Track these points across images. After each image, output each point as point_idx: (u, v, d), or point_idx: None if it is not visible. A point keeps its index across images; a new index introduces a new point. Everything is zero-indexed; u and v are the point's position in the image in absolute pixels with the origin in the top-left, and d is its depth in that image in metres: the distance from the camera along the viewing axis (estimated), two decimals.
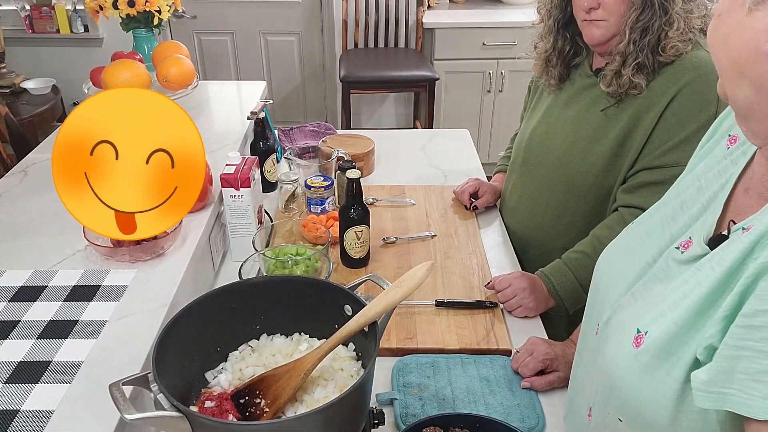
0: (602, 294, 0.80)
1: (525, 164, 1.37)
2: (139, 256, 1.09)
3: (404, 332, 1.12)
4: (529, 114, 1.44)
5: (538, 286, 1.20)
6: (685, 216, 0.72)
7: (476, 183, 1.54)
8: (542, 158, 1.32)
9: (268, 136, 1.57)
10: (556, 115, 1.31)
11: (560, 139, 1.28)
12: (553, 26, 1.27)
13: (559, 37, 1.28)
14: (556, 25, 1.27)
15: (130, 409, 0.67)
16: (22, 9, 3.40)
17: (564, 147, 1.26)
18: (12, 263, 1.10)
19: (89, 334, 0.93)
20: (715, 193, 0.69)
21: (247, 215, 1.28)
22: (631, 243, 0.80)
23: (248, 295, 0.88)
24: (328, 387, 0.81)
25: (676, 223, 0.73)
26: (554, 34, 1.28)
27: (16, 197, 1.33)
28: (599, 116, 1.20)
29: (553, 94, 1.34)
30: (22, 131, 2.36)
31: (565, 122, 1.28)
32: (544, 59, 1.32)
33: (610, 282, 0.79)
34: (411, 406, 0.96)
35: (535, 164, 1.34)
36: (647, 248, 0.75)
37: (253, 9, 3.66)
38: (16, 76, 3.24)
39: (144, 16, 1.71)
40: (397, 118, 3.90)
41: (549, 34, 1.29)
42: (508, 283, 1.19)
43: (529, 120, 1.40)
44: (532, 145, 1.35)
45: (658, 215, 0.77)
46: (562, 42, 1.28)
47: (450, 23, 3.30)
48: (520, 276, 1.20)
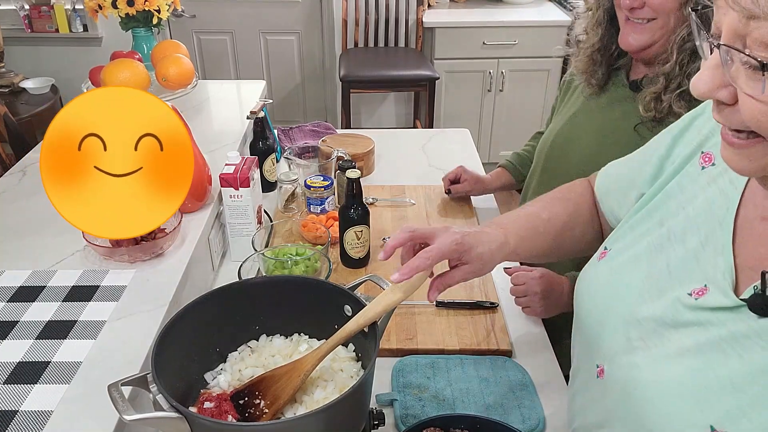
0: (594, 330, 0.75)
1: (544, 172, 1.31)
2: (138, 256, 1.09)
3: (404, 333, 1.11)
4: (555, 117, 1.36)
5: (556, 291, 1.12)
6: (678, 249, 0.67)
7: (459, 170, 1.52)
8: (561, 167, 1.24)
9: (267, 135, 1.57)
10: (581, 122, 1.23)
11: (581, 150, 1.20)
12: (603, 17, 1.13)
13: (607, 32, 1.13)
14: (605, 16, 1.13)
15: (129, 410, 0.66)
16: (21, 8, 3.40)
17: (584, 158, 1.17)
18: (11, 263, 1.09)
19: (88, 334, 0.93)
20: (712, 229, 0.64)
21: (246, 215, 1.28)
22: (617, 271, 0.75)
23: (248, 296, 0.88)
24: (328, 388, 0.81)
25: (667, 255, 0.68)
26: (603, 27, 1.14)
27: (14, 197, 1.32)
28: (629, 134, 1.10)
29: (584, 97, 1.23)
30: (21, 131, 2.36)
31: (590, 132, 1.20)
32: (589, 55, 1.18)
33: (605, 316, 0.73)
34: (411, 406, 0.96)
35: (553, 173, 1.27)
36: (639, 281, 0.70)
37: (253, 8, 3.66)
38: (15, 75, 3.23)
39: (143, 16, 1.71)
40: (397, 118, 3.90)
41: (597, 26, 1.15)
42: (523, 281, 1.14)
43: (554, 124, 1.32)
44: (553, 152, 1.28)
45: (644, 242, 0.73)
46: (608, 38, 1.14)
47: (450, 22, 3.30)
48: (540, 278, 1.13)
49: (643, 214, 0.75)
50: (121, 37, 1.89)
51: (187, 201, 1.24)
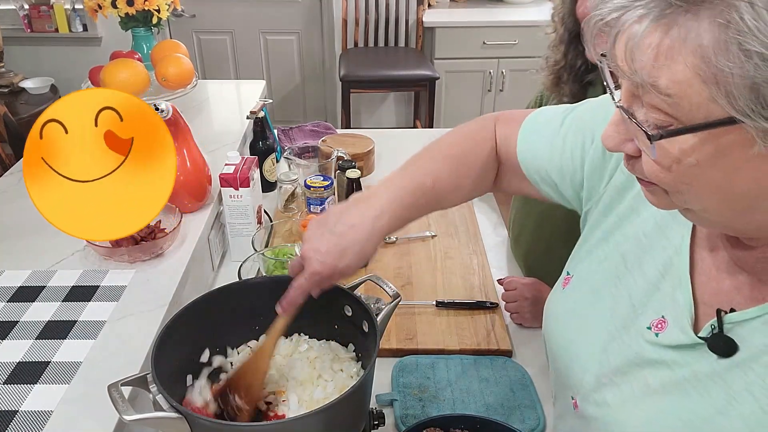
0: (565, 362, 0.74)
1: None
2: (138, 256, 1.09)
3: (404, 333, 1.11)
4: None
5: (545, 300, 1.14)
6: (639, 280, 0.66)
7: None
8: None
9: (267, 135, 1.57)
10: None
11: None
12: (565, 36, 1.14)
13: (571, 50, 1.14)
14: (568, 36, 1.13)
15: (128, 410, 0.66)
16: (21, 8, 3.40)
17: None
18: (11, 263, 1.09)
19: (88, 334, 0.93)
20: (669, 258, 0.63)
21: (246, 215, 1.27)
22: (581, 305, 0.73)
23: (247, 296, 0.88)
24: (328, 388, 0.81)
25: (628, 286, 0.67)
26: (566, 45, 1.14)
27: (14, 197, 1.32)
28: None
29: None
30: (20, 131, 2.36)
31: None
32: (555, 72, 1.18)
33: (575, 351, 0.72)
34: (411, 407, 0.96)
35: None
36: (602, 313, 0.69)
37: (253, 8, 3.66)
38: (14, 75, 3.23)
39: (143, 15, 1.70)
40: (397, 118, 3.90)
41: (560, 44, 1.16)
42: (514, 287, 1.16)
43: None
44: None
45: (603, 269, 0.71)
46: (573, 55, 1.14)
47: (450, 22, 3.30)
48: (531, 285, 1.14)
49: (599, 237, 0.74)
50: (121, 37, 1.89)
51: (187, 201, 1.24)
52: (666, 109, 0.46)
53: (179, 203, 1.19)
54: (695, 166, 0.48)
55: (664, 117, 0.47)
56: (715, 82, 0.42)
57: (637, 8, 0.45)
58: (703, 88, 0.43)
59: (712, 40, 0.42)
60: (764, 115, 0.42)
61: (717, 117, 0.44)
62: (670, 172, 0.49)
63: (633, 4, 0.45)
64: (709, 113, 0.44)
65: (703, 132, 0.45)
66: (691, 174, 0.49)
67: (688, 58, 0.43)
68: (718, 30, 0.42)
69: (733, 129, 0.44)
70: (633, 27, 0.45)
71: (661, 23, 0.44)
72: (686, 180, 0.49)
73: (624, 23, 0.46)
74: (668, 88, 0.45)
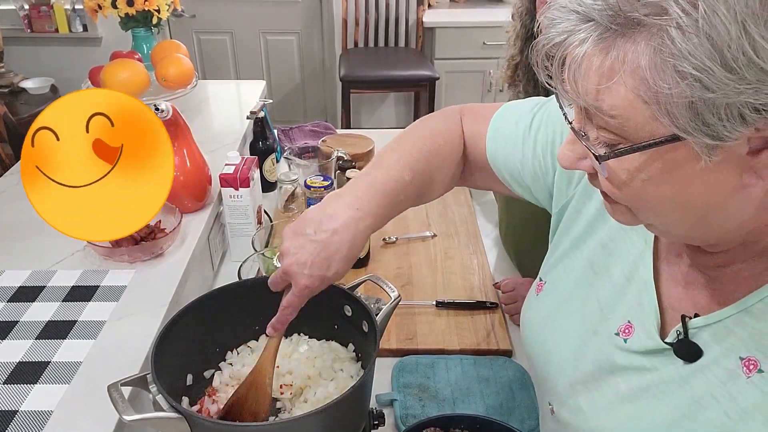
0: (542, 368, 0.75)
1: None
2: (137, 257, 1.09)
3: (404, 333, 1.11)
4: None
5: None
6: (606, 283, 0.67)
7: None
8: None
9: (267, 135, 1.57)
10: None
11: None
12: (522, 32, 1.12)
13: (526, 47, 1.09)
14: (524, 33, 1.12)
15: (128, 410, 0.66)
16: (21, 8, 3.40)
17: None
18: (10, 263, 1.09)
19: (88, 334, 0.93)
20: (634, 262, 0.64)
21: (246, 215, 1.27)
22: (554, 312, 0.74)
23: (247, 296, 0.88)
24: (328, 387, 0.81)
25: (596, 291, 0.68)
26: (522, 42, 1.12)
27: (14, 197, 1.32)
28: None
29: None
30: (20, 131, 2.36)
31: None
32: (512, 68, 1.17)
33: (549, 357, 0.73)
34: (411, 406, 0.96)
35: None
36: (574, 318, 0.70)
37: (253, 8, 3.66)
38: (14, 75, 3.23)
39: (143, 16, 1.70)
40: (397, 118, 3.90)
41: (517, 40, 1.14)
42: (512, 287, 1.17)
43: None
44: None
45: (573, 276, 0.72)
46: (528, 53, 1.14)
47: (450, 22, 3.30)
48: (528, 284, 1.14)
49: (569, 243, 0.74)
50: (121, 37, 1.89)
51: (187, 201, 1.24)
52: (614, 129, 0.47)
53: (179, 203, 1.19)
54: (647, 182, 0.49)
55: (613, 136, 0.48)
56: (656, 101, 0.43)
57: (580, 32, 0.46)
58: (645, 108, 0.44)
59: (649, 63, 0.43)
60: (705, 132, 0.43)
61: (662, 135, 0.45)
62: (622, 189, 0.51)
63: (576, 28, 0.46)
64: (654, 132, 0.45)
65: (650, 150, 0.46)
66: (644, 190, 0.50)
67: (627, 79, 0.44)
68: (652, 53, 0.43)
69: (678, 145, 0.45)
70: (575, 50, 0.46)
71: (599, 47, 0.45)
72: (640, 196, 0.51)
73: (567, 47, 0.47)
74: (612, 109, 0.46)
